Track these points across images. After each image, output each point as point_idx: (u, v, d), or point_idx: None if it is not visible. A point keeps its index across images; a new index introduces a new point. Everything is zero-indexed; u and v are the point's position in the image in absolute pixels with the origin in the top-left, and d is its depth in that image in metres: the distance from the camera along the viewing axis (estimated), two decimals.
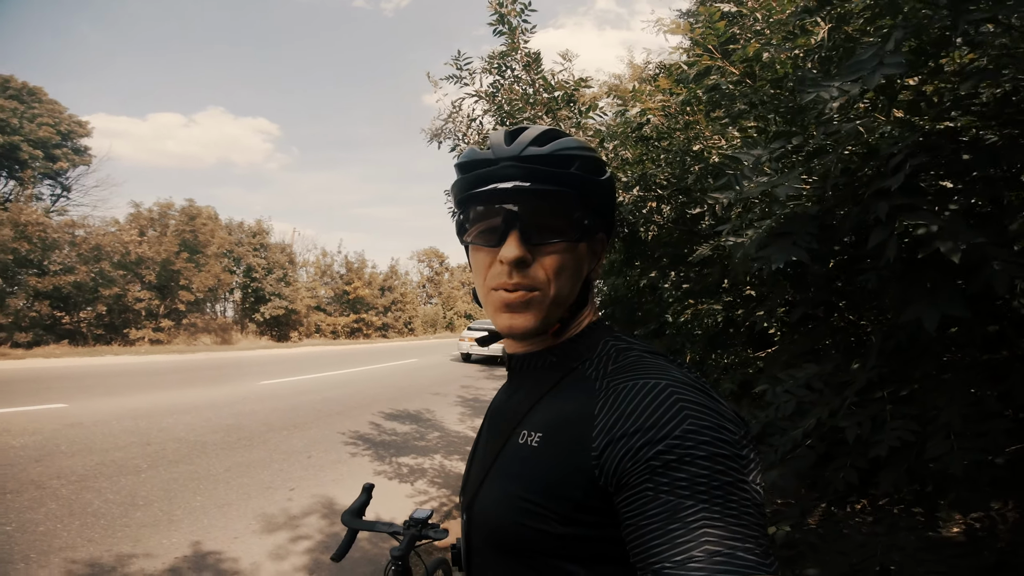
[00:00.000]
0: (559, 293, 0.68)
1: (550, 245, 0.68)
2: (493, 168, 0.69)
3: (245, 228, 25.03)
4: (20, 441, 5.08)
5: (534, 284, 0.67)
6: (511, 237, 0.66)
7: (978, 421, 1.51)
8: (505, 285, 0.67)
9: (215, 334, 21.70)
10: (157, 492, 4.12)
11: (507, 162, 0.68)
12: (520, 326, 0.68)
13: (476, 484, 0.73)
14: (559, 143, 0.70)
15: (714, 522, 0.49)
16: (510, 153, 0.69)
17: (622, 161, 3.57)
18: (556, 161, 0.68)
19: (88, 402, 7.23)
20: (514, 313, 0.68)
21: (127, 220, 19.65)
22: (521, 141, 0.70)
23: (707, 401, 0.57)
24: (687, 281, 4.45)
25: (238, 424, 6.54)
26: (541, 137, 0.71)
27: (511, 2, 3.30)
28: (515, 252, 0.65)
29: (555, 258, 0.68)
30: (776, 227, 1.74)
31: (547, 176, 0.68)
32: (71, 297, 16.54)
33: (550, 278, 0.68)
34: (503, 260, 0.66)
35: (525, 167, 0.68)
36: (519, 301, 0.67)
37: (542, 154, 0.68)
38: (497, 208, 0.69)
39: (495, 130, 3.81)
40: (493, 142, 0.72)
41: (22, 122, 20.13)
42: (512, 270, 0.66)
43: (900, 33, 1.08)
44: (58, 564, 2.91)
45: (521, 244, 0.66)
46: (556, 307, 0.69)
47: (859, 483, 1.85)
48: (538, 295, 0.67)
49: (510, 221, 0.67)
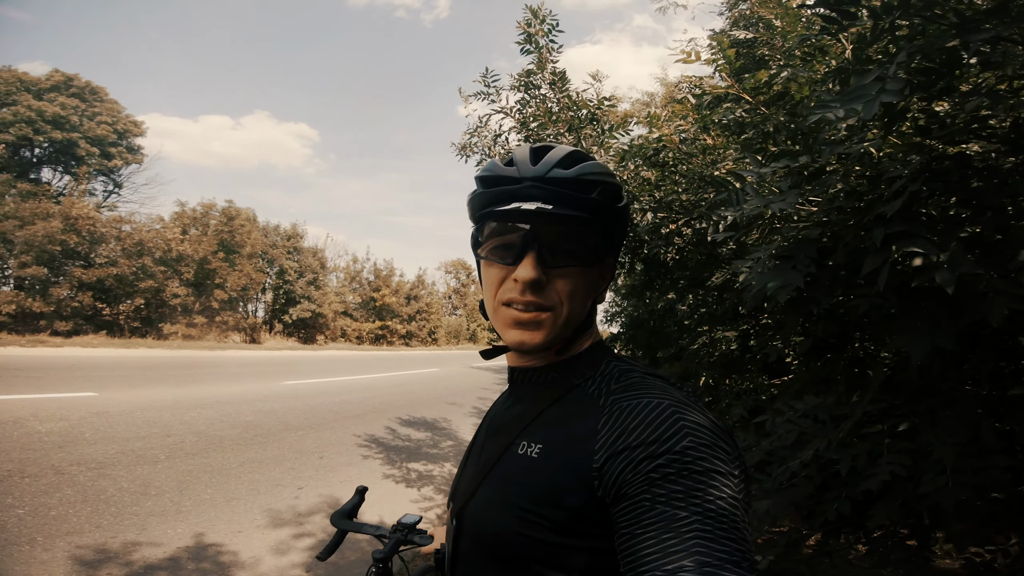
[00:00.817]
0: (570, 315, 0.70)
1: (565, 268, 0.69)
2: (517, 187, 0.69)
3: (280, 231, 25.78)
4: (47, 427, 5.29)
5: (547, 304, 0.69)
6: (528, 258, 0.67)
7: (976, 457, 1.46)
8: (517, 302, 0.69)
9: (245, 333, 22.30)
10: (170, 483, 4.24)
11: (531, 182, 0.69)
12: (530, 342, 0.70)
13: (469, 491, 0.74)
14: (584, 167, 0.70)
15: (706, 534, 0.50)
16: (535, 173, 0.69)
17: (642, 181, 3.59)
18: (580, 186, 0.69)
19: (117, 392, 7.51)
20: (524, 330, 0.70)
21: (171, 218, 20.48)
22: (547, 162, 0.70)
23: (705, 421, 0.59)
24: (704, 305, 4.41)
25: (256, 421, 6.68)
26: (566, 159, 0.71)
27: (539, 22, 3.37)
28: (531, 274, 0.67)
29: (569, 281, 0.69)
30: (779, 252, 1.74)
31: (570, 200, 0.68)
32: (112, 289, 17.27)
33: (563, 300, 0.69)
34: (519, 279, 0.67)
35: (549, 189, 0.68)
36: (532, 320, 0.69)
37: (567, 177, 0.69)
38: (516, 227, 0.70)
39: (519, 146, 3.87)
40: (518, 159, 0.72)
41: (82, 120, 21.26)
42: (526, 289, 0.68)
43: (903, 56, 1.08)
44: (62, 548, 3.01)
45: (537, 266, 0.67)
46: (566, 327, 0.71)
47: (853, 515, 1.81)
48: (550, 316, 0.69)
49: (529, 242, 0.68)
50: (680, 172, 3.30)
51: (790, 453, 2.05)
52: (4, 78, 19.71)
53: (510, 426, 0.74)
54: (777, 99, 2.23)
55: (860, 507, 1.89)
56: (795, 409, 2.03)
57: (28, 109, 19.60)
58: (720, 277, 3.30)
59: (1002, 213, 1.45)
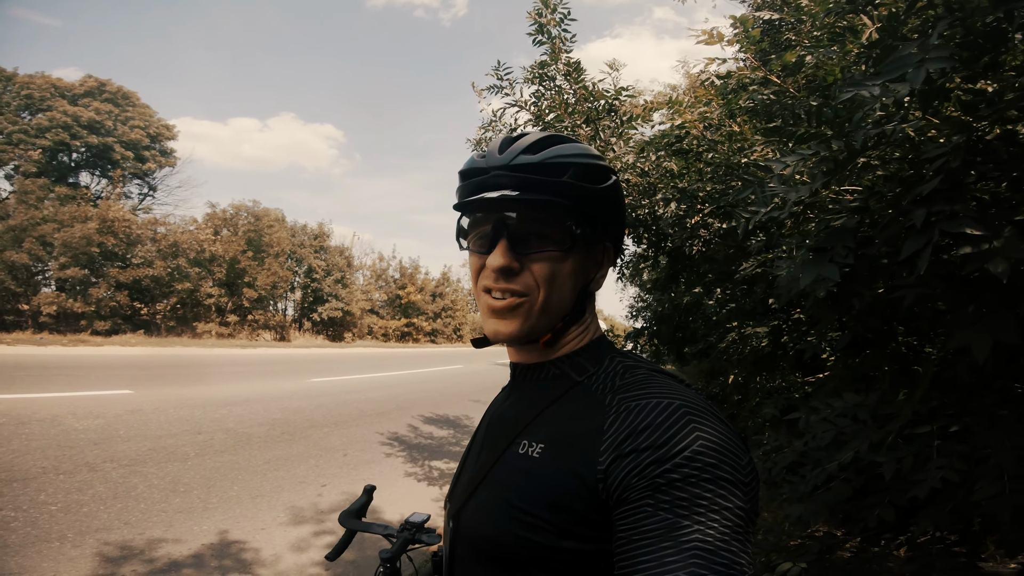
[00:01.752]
0: (547, 301, 0.68)
1: (539, 254, 0.67)
2: (485, 177, 0.69)
3: (308, 231, 26.22)
4: (83, 424, 5.45)
5: (522, 290, 0.67)
6: (499, 245, 0.67)
7: None
8: (492, 290, 0.68)
9: (275, 331, 22.78)
10: (198, 480, 4.31)
11: (498, 171, 0.68)
12: (505, 331, 0.68)
13: (466, 492, 0.71)
14: (553, 151, 0.69)
15: (706, 546, 0.48)
16: (501, 162, 0.68)
17: (664, 172, 3.47)
18: (547, 169, 0.67)
19: (151, 390, 7.71)
20: (499, 319, 0.69)
21: (204, 219, 21.04)
22: (514, 149, 0.69)
23: (717, 424, 0.56)
24: (733, 299, 4.26)
25: (284, 419, 6.78)
26: (535, 145, 0.70)
27: (550, 12, 3.28)
28: (500, 260, 0.66)
29: (544, 266, 0.67)
30: (813, 243, 1.62)
31: (537, 185, 0.67)
32: (149, 290, 17.84)
33: (539, 285, 0.67)
34: (489, 267, 0.67)
35: (515, 176, 0.67)
36: (506, 307, 0.68)
37: (532, 163, 0.67)
38: (488, 216, 0.70)
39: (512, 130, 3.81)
40: (489, 150, 0.72)
41: (116, 124, 22.01)
42: (499, 277, 0.67)
43: (944, 25, 0.97)
44: (91, 545, 3.07)
45: (508, 252, 0.67)
46: (545, 315, 0.69)
47: (896, 521, 1.68)
48: (526, 302, 0.68)
49: (499, 229, 0.68)
50: (705, 160, 3.17)
51: (826, 455, 1.93)
52: (39, 84, 20.52)
53: (510, 424, 0.72)
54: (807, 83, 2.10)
55: (904, 513, 1.77)
56: (833, 407, 1.90)
57: (64, 115, 20.37)
58: (749, 269, 3.16)
59: None
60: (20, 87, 20.27)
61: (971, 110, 1.17)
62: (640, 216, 3.71)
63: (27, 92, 20.24)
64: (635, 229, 3.95)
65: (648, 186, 3.57)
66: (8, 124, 19.70)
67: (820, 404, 2.14)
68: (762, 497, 3.52)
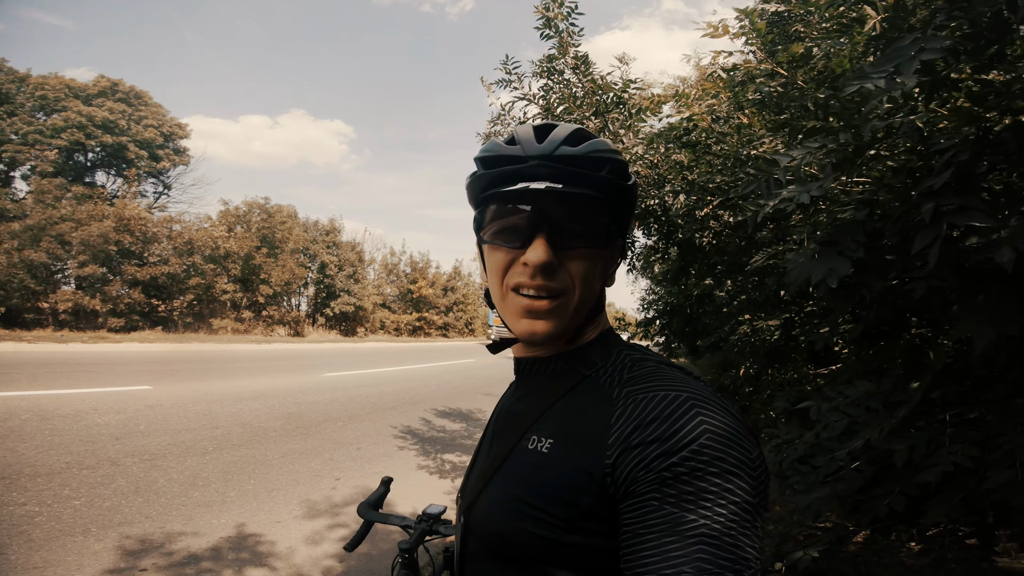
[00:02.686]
0: (583, 299, 0.66)
1: (577, 250, 0.65)
2: (522, 166, 0.65)
3: (320, 226, 26.41)
4: (105, 419, 5.57)
5: (560, 289, 0.65)
6: (538, 240, 0.63)
7: None
8: (527, 287, 0.65)
9: (289, 326, 23.02)
10: (217, 474, 4.39)
11: (538, 160, 0.65)
12: (542, 331, 0.66)
13: (477, 488, 0.71)
14: (592, 144, 0.67)
15: (712, 541, 0.48)
16: (541, 151, 0.65)
17: (673, 164, 3.45)
18: (590, 163, 0.65)
19: (170, 385, 7.86)
20: (536, 319, 0.66)
21: (218, 216, 21.28)
22: (553, 139, 0.66)
23: (726, 416, 0.56)
24: (744, 291, 4.23)
25: (299, 413, 6.87)
26: (573, 136, 0.67)
27: (557, 6, 3.27)
28: (543, 256, 0.63)
29: (581, 263, 0.65)
30: (823, 236, 1.61)
31: (580, 179, 0.64)
32: (165, 287, 18.11)
33: (575, 284, 0.65)
34: (529, 263, 0.63)
35: (557, 168, 0.64)
36: (545, 309, 0.65)
37: (576, 155, 0.65)
38: (523, 208, 0.65)
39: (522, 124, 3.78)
40: (521, 137, 0.68)
41: (129, 124, 22.28)
42: (537, 273, 0.64)
43: (943, 16, 0.97)
44: (113, 538, 3.15)
45: (548, 248, 0.63)
46: (578, 313, 0.67)
47: (907, 511, 1.68)
48: (562, 301, 0.65)
49: (538, 223, 0.64)
50: (714, 153, 3.15)
51: (837, 444, 1.93)
52: (52, 85, 20.79)
53: (519, 420, 0.71)
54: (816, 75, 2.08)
55: (915, 504, 1.76)
56: (845, 396, 1.90)
57: (78, 115, 20.64)
58: (760, 261, 3.15)
59: None
60: (34, 88, 20.58)
61: (980, 101, 1.16)
62: (650, 207, 3.70)
63: (41, 93, 20.54)
64: (645, 221, 3.94)
65: (658, 178, 3.56)
66: (23, 125, 20.01)
67: (833, 392, 2.13)
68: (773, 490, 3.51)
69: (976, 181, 1.13)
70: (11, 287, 14.97)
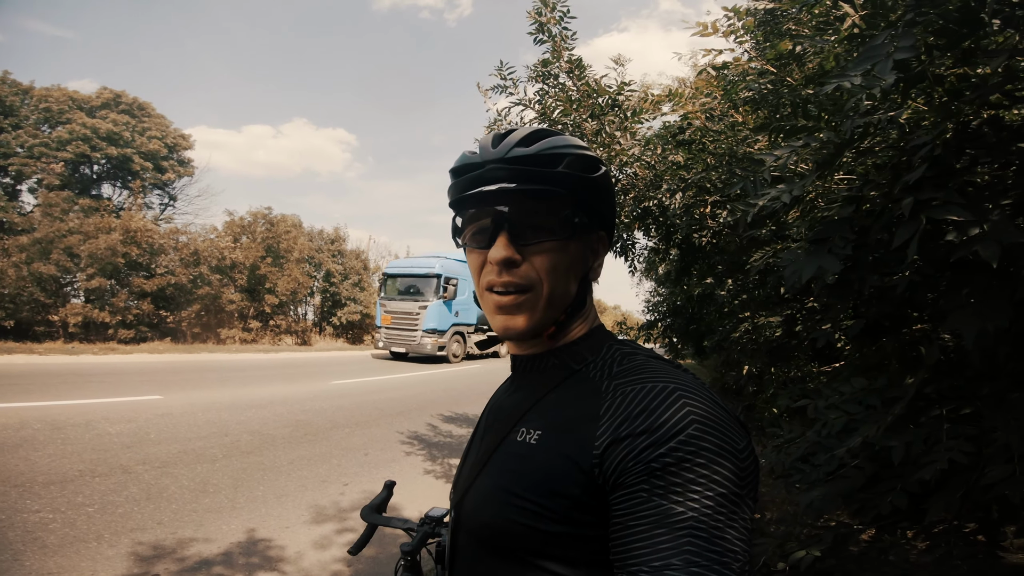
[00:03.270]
0: (552, 292, 0.69)
1: (540, 244, 0.68)
2: (480, 171, 0.69)
3: (324, 235, 26.53)
4: (116, 428, 5.64)
5: (526, 284, 0.68)
6: (500, 238, 0.67)
7: None
8: (496, 285, 0.68)
9: (296, 336, 23.12)
10: (226, 480, 4.44)
11: (493, 164, 0.69)
12: (515, 327, 0.69)
13: (468, 481, 0.73)
14: (546, 142, 0.70)
15: (700, 532, 0.49)
16: (496, 155, 0.69)
17: (670, 164, 3.47)
18: (543, 160, 0.68)
19: (180, 394, 7.93)
20: (507, 315, 0.69)
21: (224, 227, 21.42)
22: (507, 142, 0.70)
23: (714, 408, 0.57)
24: (745, 290, 4.24)
25: (306, 420, 6.92)
26: (528, 137, 0.71)
27: (549, 11, 3.30)
28: (502, 253, 0.66)
29: (546, 257, 0.68)
30: (812, 234, 1.63)
31: (533, 176, 0.68)
32: (173, 298, 18.24)
33: (542, 277, 0.68)
34: (491, 261, 0.67)
35: (511, 168, 0.68)
36: (512, 304, 0.68)
37: (528, 154, 0.68)
38: (487, 210, 0.70)
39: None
40: (481, 145, 0.73)
41: (133, 135, 22.43)
42: (502, 270, 0.67)
43: (911, 15, 0.99)
44: (126, 544, 3.20)
45: (510, 244, 0.67)
46: (551, 307, 0.69)
47: (910, 508, 1.68)
48: (531, 296, 0.68)
49: (498, 222, 0.68)
50: (709, 151, 3.17)
51: (837, 442, 1.94)
52: (56, 97, 20.89)
53: (509, 413, 0.73)
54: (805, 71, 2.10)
55: (916, 500, 1.76)
56: (842, 393, 1.91)
57: (83, 127, 20.78)
58: (760, 260, 3.16)
59: None
60: (38, 100, 20.67)
61: (957, 95, 1.18)
62: (649, 208, 3.72)
63: (45, 105, 20.63)
64: (644, 222, 3.96)
65: (655, 178, 3.58)
66: (28, 138, 20.15)
67: (830, 391, 2.14)
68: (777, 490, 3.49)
69: (957, 176, 1.14)
70: (21, 300, 15.12)
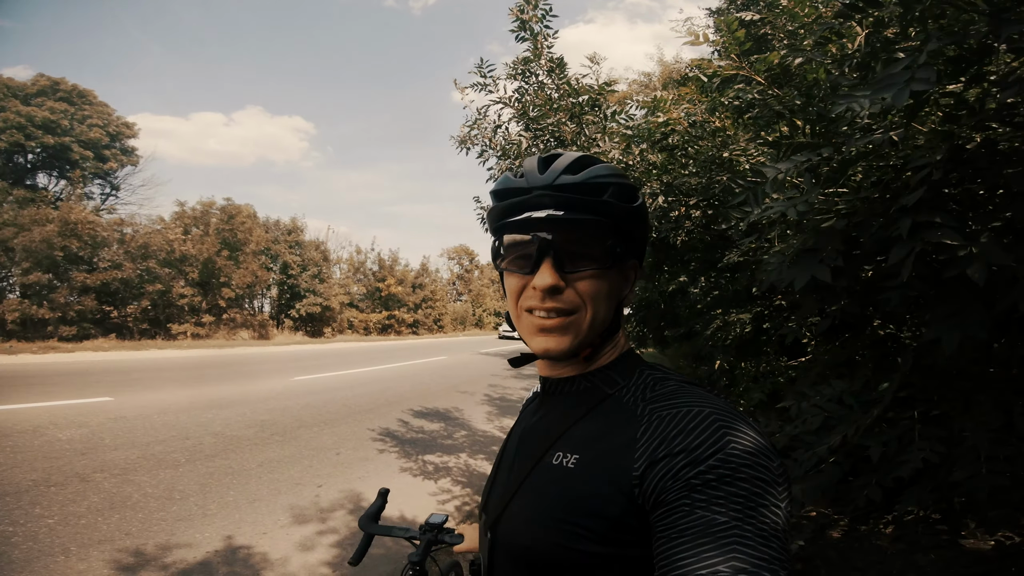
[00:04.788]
0: (595, 317, 0.70)
1: (584, 272, 0.69)
2: (527, 197, 0.70)
3: (281, 226, 25.73)
4: (67, 434, 5.35)
5: (570, 308, 0.69)
6: (544, 265, 0.68)
7: (1009, 444, 1.45)
8: (539, 309, 0.69)
9: (253, 330, 22.39)
10: (193, 486, 4.28)
11: (541, 191, 0.69)
12: (555, 348, 0.70)
13: (502, 503, 0.73)
14: (592, 171, 0.71)
15: (745, 542, 0.50)
16: (543, 182, 0.70)
17: (649, 165, 3.53)
18: (589, 189, 0.69)
19: (132, 396, 7.57)
20: (549, 336, 0.70)
21: (172, 218, 20.46)
22: (555, 169, 0.71)
23: (748, 430, 0.58)
24: (717, 287, 4.38)
25: (272, 420, 6.74)
26: (574, 165, 0.71)
27: (532, 8, 3.29)
28: (548, 280, 0.67)
29: (588, 283, 0.69)
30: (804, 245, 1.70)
31: (581, 205, 0.69)
32: (118, 293, 17.33)
33: (586, 303, 0.69)
34: (537, 287, 0.68)
35: (559, 196, 0.69)
36: (556, 326, 0.69)
37: (575, 183, 0.69)
38: (531, 236, 0.70)
39: (531, 154, 3.83)
40: (527, 170, 0.73)
41: (72, 124, 21.13)
42: (546, 296, 0.68)
43: (934, 44, 1.04)
44: (96, 557, 3.05)
45: (555, 272, 0.68)
46: (591, 331, 0.70)
47: (884, 501, 1.80)
48: (575, 319, 0.69)
49: (544, 249, 0.68)
50: (688, 155, 3.24)
51: (816, 439, 2.04)
52: None
53: (543, 437, 0.73)
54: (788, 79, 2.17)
55: (890, 493, 1.88)
56: (821, 394, 2.01)
57: (17, 115, 19.50)
58: (732, 258, 3.27)
59: None
60: None
61: (954, 120, 1.25)
62: None
63: None
64: None
65: (634, 180, 3.64)
66: None
67: (808, 390, 2.25)
68: None
69: (950, 198, 1.22)
70: None
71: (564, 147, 3.52)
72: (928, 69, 1.03)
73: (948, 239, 1.19)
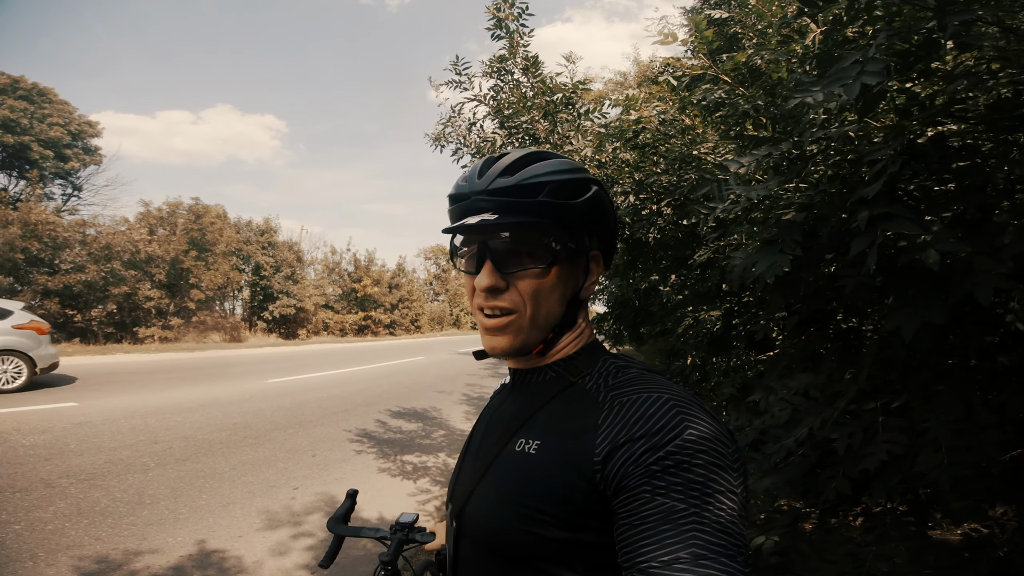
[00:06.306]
0: (535, 315, 0.72)
1: (522, 271, 0.71)
2: (467, 202, 0.73)
3: (253, 226, 25.20)
4: (30, 440, 5.17)
5: (511, 307, 0.71)
6: (485, 267, 0.71)
7: (970, 434, 1.50)
8: (484, 308, 0.73)
9: (225, 332, 21.89)
10: (164, 490, 4.18)
11: (477, 196, 0.72)
12: (499, 346, 0.73)
13: (467, 491, 0.74)
14: (528, 171, 0.72)
15: (704, 527, 0.51)
16: (480, 187, 0.72)
17: (621, 163, 3.57)
18: (523, 191, 0.70)
19: (98, 400, 7.34)
20: (492, 335, 0.73)
21: (137, 219, 19.85)
22: (491, 173, 0.72)
23: (705, 416, 0.60)
24: (687, 285, 4.45)
25: (245, 422, 6.61)
26: (512, 166, 0.72)
27: (508, 6, 3.30)
28: (486, 281, 0.70)
29: (529, 283, 0.71)
30: (765, 236, 1.75)
31: (514, 207, 0.70)
32: (82, 295, 16.76)
33: (526, 301, 0.71)
34: (477, 287, 0.71)
35: (493, 200, 0.71)
36: (497, 326, 0.72)
37: (509, 186, 0.70)
38: (472, 238, 0.74)
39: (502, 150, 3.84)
40: (469, 173, 0.75)
41: (32, 122, 20.38)
42: (488, 296, 0.71)
43: (882, 38, 1.08)
44: (65, 562, 2.98)
45: (494, 272, 0.70)
46: (535, 328, 0.72)
47: (852, 493, 1.86)
48: (515, 318, 0.72)
49: (483, 252, 0.71)
50: (659, 153, 3.29)
51: (784, 432, 2.09)
52: None
53: (507, 424, 0.75)
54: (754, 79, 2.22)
55: (859, 485, 1.94)
56: (788, 388, 2.06)
57: None
58: (703, 255, 3.33)
59: (982, 193, 1.48)
60: None
61: (906, 114, 1.31)
62: None
63: None
64: None
65: (606, 178, 3.68)
66: None
67: (776, 384, 2.31)
68: None
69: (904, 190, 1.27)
70: None
71: (538, 144, 3.54)
72: (878, 63, 1.07)
73: (906, 230, 1.24)
